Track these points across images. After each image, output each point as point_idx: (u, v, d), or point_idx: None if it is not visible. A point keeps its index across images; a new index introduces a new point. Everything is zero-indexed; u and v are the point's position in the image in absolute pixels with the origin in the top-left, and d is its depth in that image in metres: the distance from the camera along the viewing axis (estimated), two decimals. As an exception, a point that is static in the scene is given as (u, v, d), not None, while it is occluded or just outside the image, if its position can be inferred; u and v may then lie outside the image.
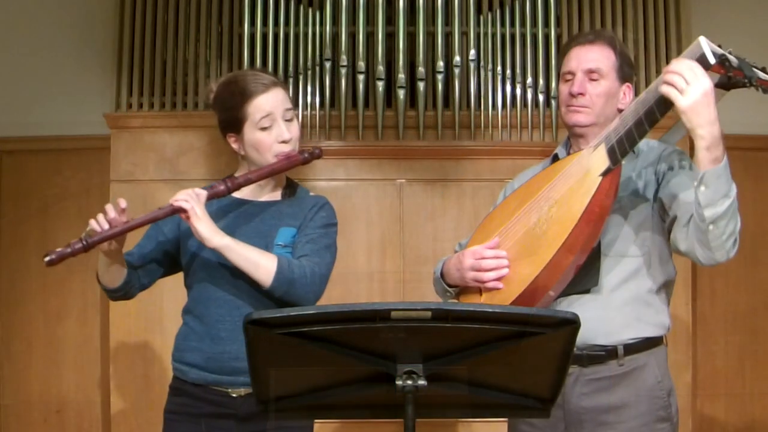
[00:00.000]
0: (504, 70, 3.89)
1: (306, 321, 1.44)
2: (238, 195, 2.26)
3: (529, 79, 3.87)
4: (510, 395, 1.56)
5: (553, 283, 1.95)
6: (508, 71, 3.88)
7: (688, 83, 1.79)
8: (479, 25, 3.91)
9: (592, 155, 1.99)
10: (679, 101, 1.80)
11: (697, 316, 3.99)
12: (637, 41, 3.97)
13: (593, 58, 2.13)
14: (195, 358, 2.19)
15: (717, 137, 1.81)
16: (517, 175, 2.38)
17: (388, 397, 1.48)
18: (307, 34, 3.86)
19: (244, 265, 2.11)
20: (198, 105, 3.92)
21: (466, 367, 1.49)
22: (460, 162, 3.88)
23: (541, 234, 1.99)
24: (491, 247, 2.08)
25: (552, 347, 1.49)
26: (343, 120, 3.83)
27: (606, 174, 1.94)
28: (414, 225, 3.86)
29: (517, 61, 3.89)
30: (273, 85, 2.21)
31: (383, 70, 3.80)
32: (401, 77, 3.80)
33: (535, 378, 1.55)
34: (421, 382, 1.46)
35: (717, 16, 4.07)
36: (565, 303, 2.05)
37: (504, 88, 3.88)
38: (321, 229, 2.24)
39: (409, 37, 3.86)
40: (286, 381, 1.54)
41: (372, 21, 3.84)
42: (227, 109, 2.22)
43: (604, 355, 2.05)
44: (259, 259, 2.12)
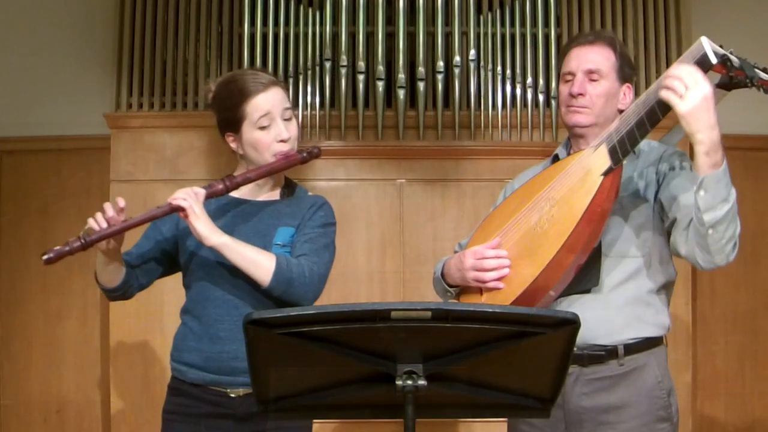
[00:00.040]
0: (504, 70, 3.89)
1: (306, 321, 1.44)
2: (236, 194, 2.25)
3: (529, 79, 3.87)
4: (510, 395, 1.56)
5: (553, 283, 1.95)
6: (508, 71, 3.88)
7: (688, 88, 1.79)
8: (479, 25, 3.91)
9: (593, 155, 1.99)
10: (679, 106, 1.80)
11: (697, 316, 3.99)
12: (637, 41, 3.97)
13: (593, 58, 2.13)
14: (194, 358, 2.18)
15: (716, 142, 1.81)
16: (518, 176, 2.38)
17: (388, 397, 1.48)
18: (307, 34, 3.86)
19: (243, 263, 2.10)
20: (198, 105, 3.92)
21: (466, 367, 1.49)
22: (460, 162, 3.88)
23: (542, 234, 1.99)
24: (492, 247, 2.08)
25: (552, 347, 1.49)
26: (343, 120, 3.83)
27: (607, 173, 1.94)
28: (414, 225, 3.86)
29: (517, 61, 3.89)
30: (272, 85, 2.20)
31: (383, 70, 3.80)
32: (401, 77, 3.80)
33: (535, 378, 1.55)
34: (421, 382, 1.46)
35: (717, 16, 4.07)
36: (566, 303, 2.05)
37: (504, 88, 3.88)
38: (320, 229, 2.23)
39: (409, 37, 3.86)
40: (286, 381, 1.54)
41: (372, 21, 3.84)
42: (226, 109, 2.21)
43: (605, 354, 2.05)
44: (258, 258, 2.11)
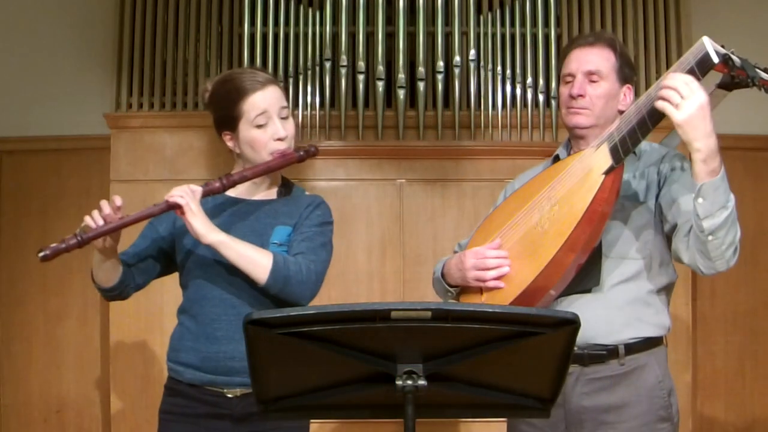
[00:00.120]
0: (504, 70, 3.89)
1: (306, 321, 1.43)
2: (232, 194, 2.25)
3: (529, 79, 3.87)
4: (510, 395, 1.56)
5: (554, 282, 1.95)
6: (508, 71, 3.88)
7: (684, 97, 1.79)
8: (479, 25, 3.91)
9: (595, 154, 1.99)
10: (675, 115, 1.80)
11: (697, 316, 3.99)
12: (637, 41, 3.97)
13: (593, 60, 2.13)
14: (190, 358, 2.17)
15: (713, 149, 1.82)
16: (518, 176, 2.38)
17: (388, 397, 1.48)
18: (307, 34, 3.86)
19: (240, 261, 2.09)
20: (198, 105, 3.92)
21: (466, 367, 1.49)
22: (460, 162, 3.88)
23: (543, 233, 1.99)
24: (493, 247, 2.09)
25: (552, 347, 1.48)
26: (343, 120, 3.83)
27: (608, 172, 1.93)
28: (414, 225, 3.86)
29: (517, 61, 3.89)
30: (268, 83, 2.20)
31: (383, 70, 3.80)
32: (401, 77, 3.80)
33: (535, 378, 1.54)
34: (421, 382, 1.46)
35: (717, 16, 4.07)
36: (566, 302, 2.05)
37: (504, 88, 3.88)
38: (317, 228, 2.22)
39: (409, 37, 3.86)
40: (286, 381, 1.53)
41: (372, 21, 3.84)
42: (223, 107, 2.21)
43: (605, 354, 2.05)
44: (255, 256, 2.10)
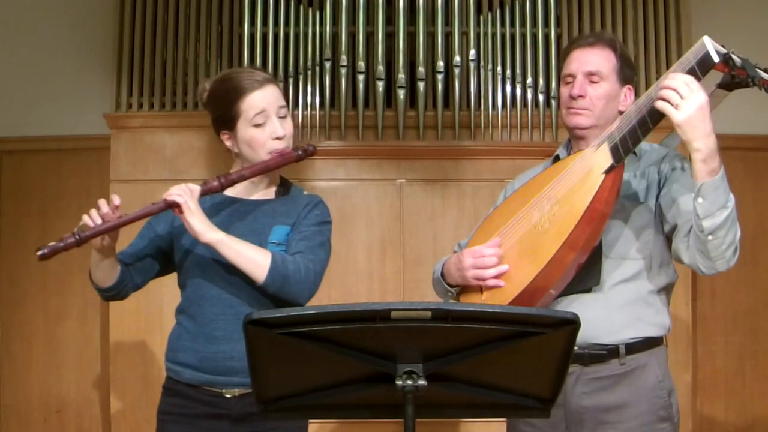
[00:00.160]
0: (504, 70, 3.89)
1: (306, 321, 1.43)
2: (230, 193, 2.25)
3: (529, 79, 3.87)
4: (510, 395, 1.56)
5: (554, 282, 1.95)
6: (508, 71, 3.88)
7: (683, 98, 1.80)
8: (479, 25, 3.91)
9: (595, 153, 1.99)
10: (674, 116, 1.81)
11: (697, 316, 3.99)
12: (637, 41, 3.97)
13: (593, 60, 2.13)
14: (189, 358, 2.17)
15: (713, 149, 1.82)
16: (518, 176, 2.38)
17: (388, 397, 1.48)
18: (307, 34, 3.86)
19: (238, 260, 2.09)
20: (198, 105, 3.92)
21: (466, 367, 1.49)
22: (460, 162, 3.88)
23: (543, 232, 1.99)
24: (492, 246, 2.09)
25: (552, 347, 1.48)
26: (343, 120, 3.83)
27: (609, 171, 1.94)
28: (414, 225, 3.86)
29: (517, 61, 3.89)
30: (266, 82, 2.20)
31: (383, 70, 3.80)
32: (401, 77, 3.80)
33: (535, 378, 1.54)
34: (421, 382, 1.46)
35: (717, 16, 4.07)
36: (566, 302, 2.05)
37: (504, 88, 3.88)
38: (315, 227, 2.22)
39: (409, 37, 3.86)
40: (286, 381, 1.53)
41: (372, 21, 3.84)
42: (221, 106, 2.20)
43: (606, 354, 2.05)
44: (254, 255, 2.10)
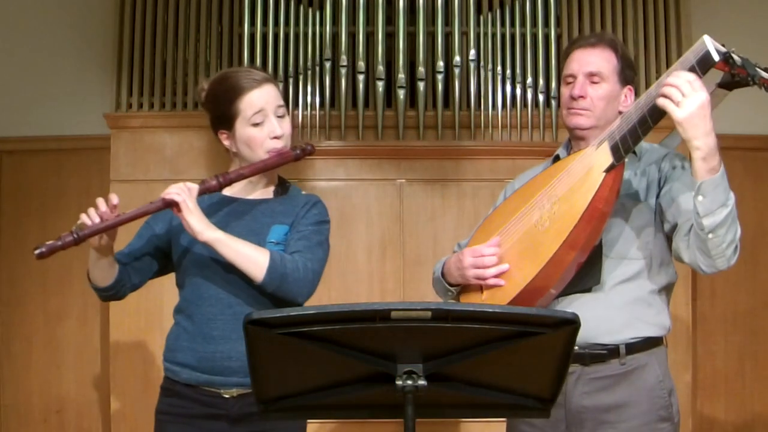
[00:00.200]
0: (504, 70, 3.89)
1: (306, 321, 1.43)
2: (228, 193, 2.25)
3: (529, 79, 3.87)
4: (510, 395, 1.56)
5: (554, 281, 1.96)
6: (508, 71, 3.88)
7: (685, 96, 1.80)
8: (479, 25, 3.91)
9: (595, 153, 1.99)
10: (675, 113, 1.81)
11: (697, 316, 3.99)
12: (637, 41, 3.97)
13: (594, 61, 2.13)
14: (187, 357, 2.16)
15: (713, 148, 1.82)
16: (518, 176, 2.38)
17: (388, 397, 1.48)
18: (307, 34, 3.86)
19: (236, 259, 2.08)
20: (198, 105, 3.90)
21: (466, 367, 1.49)
22: (460, 162, 3.88)
23: (543, 231, 1.99)
24: (491, 245, 2.09)
25: (552, 347, 1.49)
26: (343, 120, 3.83)
27: (609, 170, 1.94)
28: (414, 225, 3.86)
29: (517, 61, 3.89)
30: (265, 82, 2.19)
31: (383, 70, 3.80)
32: (401, 77, 3.80)
33: (535, 378, 1.54)
34: (421, 382, 1.46)
35: (717, 16, 4.07)
36: (566, 302, 2.05)
37: (504, 88, 3.88)
38: (313, 226, 2.22)
39: (409, 37, 3.86)
40: (286, 381, 1.53)
41: (372, 21, 3.84)
42: (219, 106, 2.20)
43: (606, 354, 2.05)
44: (252, 254, 2.09)
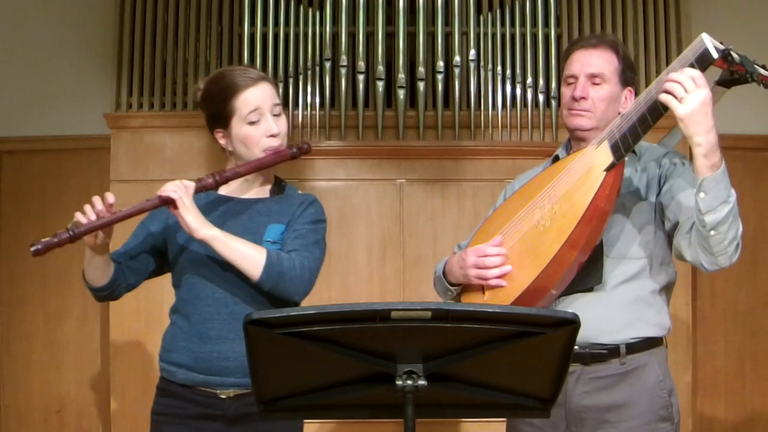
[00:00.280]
0: (504, 70, 3.89)
1: (306, 321, 1.43)
2: (224, 192, 2.25)
3: (529, 79, 3.87)
4: (510, 395, 1.56)
5: (555, 281, 1.95)
6: (508, 71, 3.88)
7: (687, 92, 1.80)
8: (479, 25, 3.91)
9: (596, 152, 1.99)
10: (678, 109, 1.81)
11: (697, 316, 3.99)
12: (637, 41, 3.97)
13: (596, 62, 2.13)
14: (183, 358, 2.15)
15: (714, 144, 1.83)
16: (518, 176, 2.38)
17: (388, 397, 1.48)
18: (307, 34, 3.87)
19: (233, 257, 2.08)
20: (198, 105, 3.92)
21: (466, 367, 1.49)
22: (460, 162, 3.88)
23: (544, 231, 1.99)
24: (494, 244, 2.09)
25: (552, 347, 1.48)
26: (343, 120, 3.83)
27: (610, 169, 1.94)
28: (414, 225, 3.86)
29: (517, 61, 3.89)
30: (260, 80, 2.19)
31: (383, 70, 3.80)
32: (401, 77, 3.80)
33: (535, 378, 1.54)
34: (421, 382, 1.46)
35: (717, 16, 4.07)
36: (567, 302, 2.05)
37: (504, 88, 3.88)
38: (310, 225, 2.21)
39: (409, 37, 3.86)
40: (286, 381, 1.53)
41: (372, 21, 3.85)
42: (215, 104, 2.20)
43: (607, 353, 2.05)
44: (249, 252, 2.08)
